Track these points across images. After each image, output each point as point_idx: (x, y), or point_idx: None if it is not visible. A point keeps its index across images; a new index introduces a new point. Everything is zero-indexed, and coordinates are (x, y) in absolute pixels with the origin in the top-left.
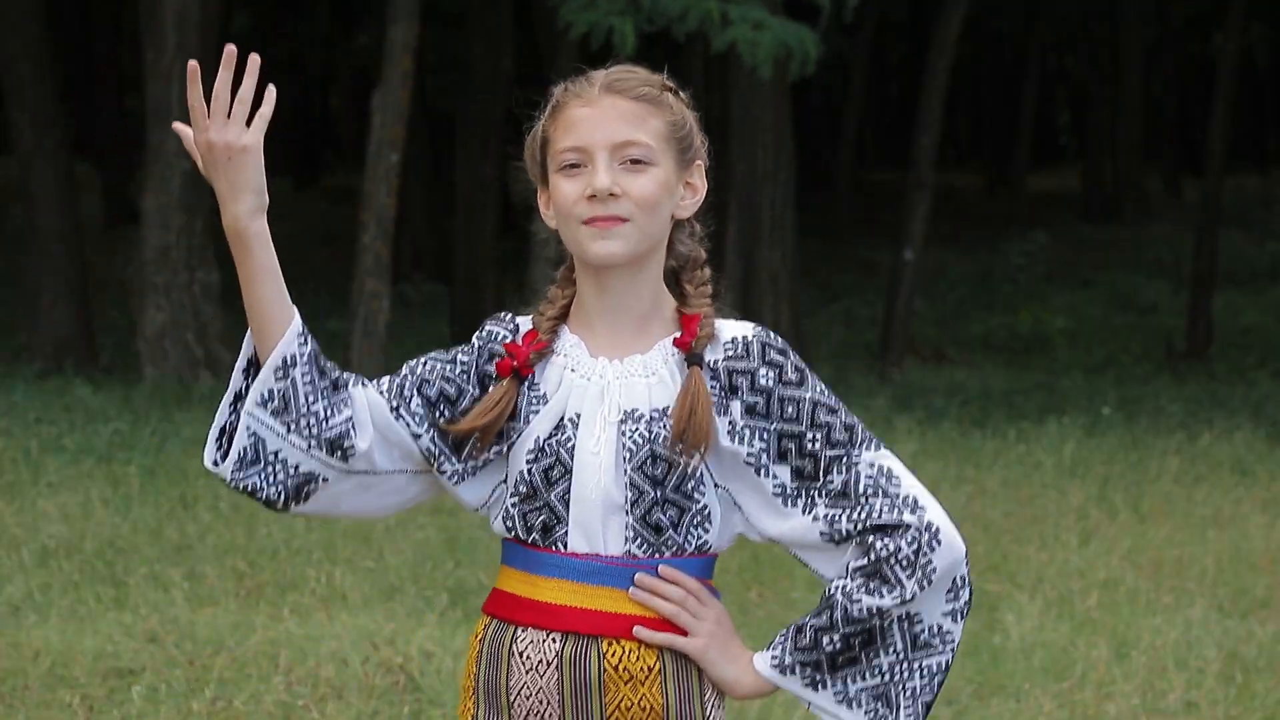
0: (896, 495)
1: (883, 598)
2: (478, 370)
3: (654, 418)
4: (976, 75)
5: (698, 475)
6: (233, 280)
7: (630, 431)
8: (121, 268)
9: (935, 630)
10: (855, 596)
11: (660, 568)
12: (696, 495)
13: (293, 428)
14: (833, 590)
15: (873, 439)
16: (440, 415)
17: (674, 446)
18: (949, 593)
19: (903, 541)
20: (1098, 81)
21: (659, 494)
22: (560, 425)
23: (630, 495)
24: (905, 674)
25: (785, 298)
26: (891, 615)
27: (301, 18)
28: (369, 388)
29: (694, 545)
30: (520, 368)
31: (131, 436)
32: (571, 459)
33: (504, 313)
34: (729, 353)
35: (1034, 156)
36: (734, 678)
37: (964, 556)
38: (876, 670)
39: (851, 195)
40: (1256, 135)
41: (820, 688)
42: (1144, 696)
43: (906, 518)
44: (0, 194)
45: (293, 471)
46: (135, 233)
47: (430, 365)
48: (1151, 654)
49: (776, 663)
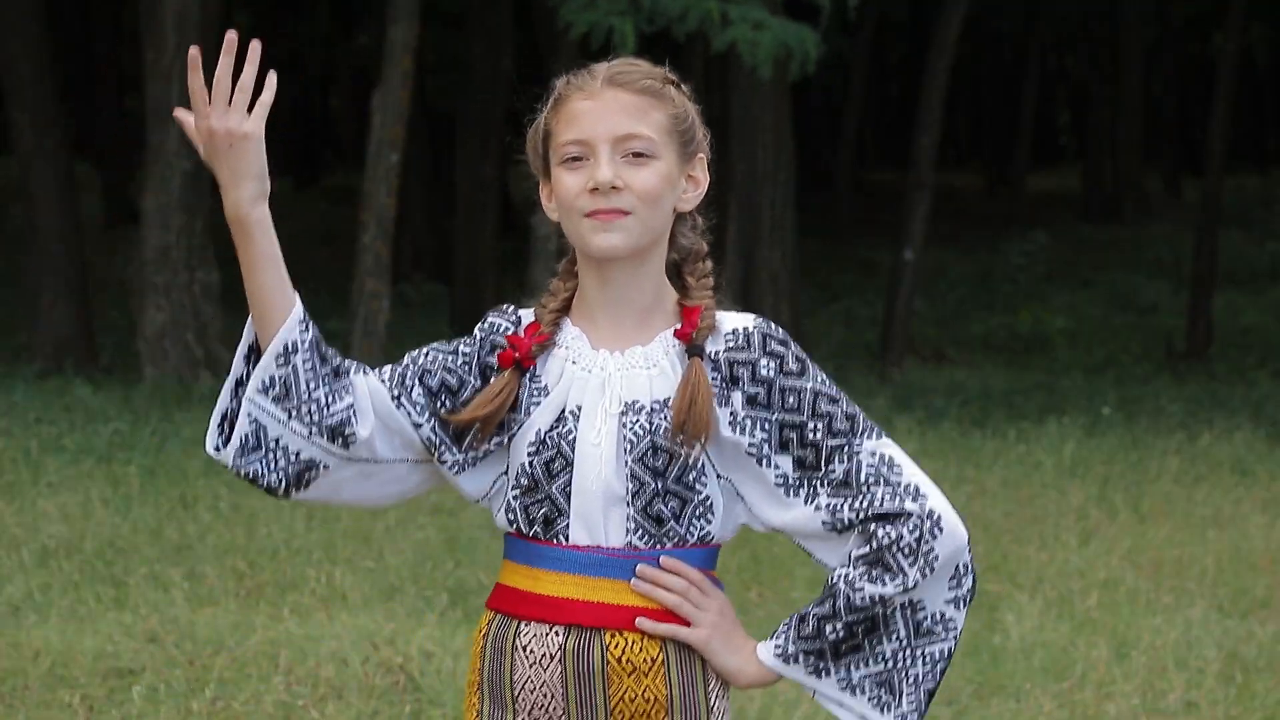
0: (898, 483)
1: (885, 585)
2: (479, 361)
3: (655, 409)
4: (976, 75)
5: (699, 466)
6: (233, 280)
7: (631, 423)
8: (121, 268)
9: (938, 617)
10: (858, 585)
11: (662, 559)
12: (698, 486)
13: (294, 414)
14: (835, 579)
15: (874, 428)
16: (441, 405)
17: (674, 437)
18: (951, 580)
19: (905, 529)
20: (1098, 81)
21: (660, 485)
22: (561, 417)
23: (631, 487)
24: (908, 661)
25: (785, 297)
26: (894, 603)
27: (301, 18)
28: (370, 375)
29: (696, 536)
30: (522, 359)
31: (131, 436)
32: (572, 451)
33: (506, 304)
34: (730, 344)
35: (1034, 156)
36: (737, 667)
37: (966, 544)
38: (880, 657)
39: (851, 195)
40: (1256, 135)
41: (824, 675)
42: (1144, 696)
43: (908, 505)
44: (0, 194)
45: (294, 458)
46: (135, 233)
47: (432, 355)
48: (1151, 654)
49: (780, 651)
